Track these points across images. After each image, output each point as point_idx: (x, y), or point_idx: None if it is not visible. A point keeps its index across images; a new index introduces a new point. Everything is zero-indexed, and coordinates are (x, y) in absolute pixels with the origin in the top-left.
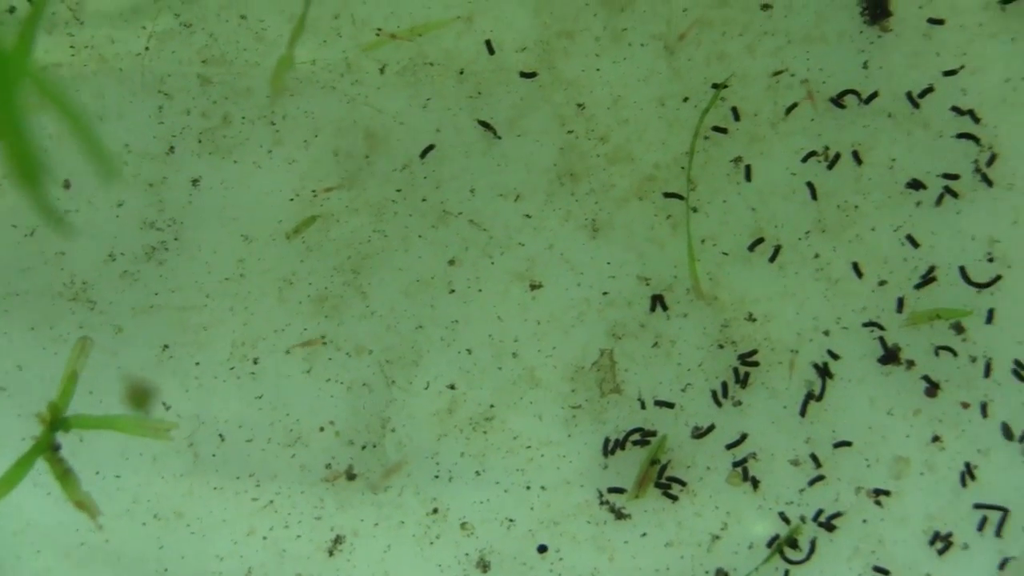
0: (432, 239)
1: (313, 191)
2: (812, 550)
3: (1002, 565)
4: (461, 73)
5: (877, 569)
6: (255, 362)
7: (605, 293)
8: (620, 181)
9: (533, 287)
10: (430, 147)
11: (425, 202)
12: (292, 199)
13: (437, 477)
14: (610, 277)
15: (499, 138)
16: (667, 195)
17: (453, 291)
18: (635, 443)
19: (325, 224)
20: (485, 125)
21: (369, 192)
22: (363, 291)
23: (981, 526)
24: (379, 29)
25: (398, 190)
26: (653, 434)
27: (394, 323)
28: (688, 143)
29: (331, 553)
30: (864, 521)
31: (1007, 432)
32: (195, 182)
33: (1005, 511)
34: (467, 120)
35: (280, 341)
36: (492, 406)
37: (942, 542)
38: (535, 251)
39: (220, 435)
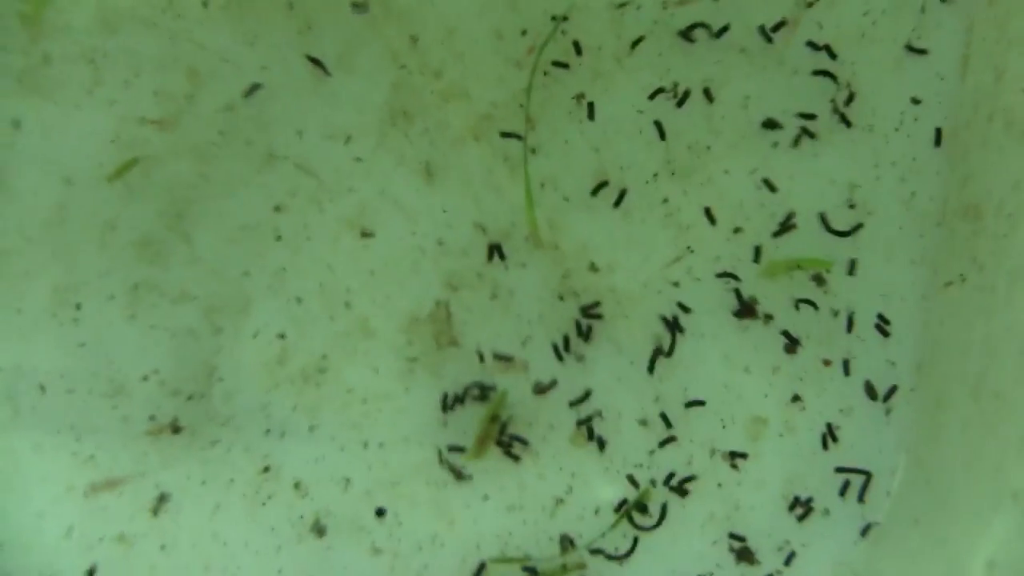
0: (257, 184)
1: (135, 128)
2: (663, 516)
3: (864, 531)
4: (290, 6)
5: (733, 536)
6: (78, 308)
7: (440, 242)
8: (455, 120)
9: (365, 235)
10: (256, 86)
11: (250, 145)
12: (113, 141)
13: (268, 432)
14: (446, 225)
15: (329, 75)
16: (504, 135)
17: (280, 238)
18: (474, 398)
19: (147, 167)
20: (314, 61)
21: (192, 134)
22: (187, 236)
23: (843, 491)
24: None
25: (221, 132)
26: (493, 389)
27: (220, 269)
28: (526, 79)
29: (155, 512)
30: (719, 485)
31: (870, 391)
32: (16, 124)
33: (868, 475)
34: (295, 56)
35: (103, 287)
36: (324, 357)
37: (802, 507)
38: (367, 197)
39: (41, 386)
